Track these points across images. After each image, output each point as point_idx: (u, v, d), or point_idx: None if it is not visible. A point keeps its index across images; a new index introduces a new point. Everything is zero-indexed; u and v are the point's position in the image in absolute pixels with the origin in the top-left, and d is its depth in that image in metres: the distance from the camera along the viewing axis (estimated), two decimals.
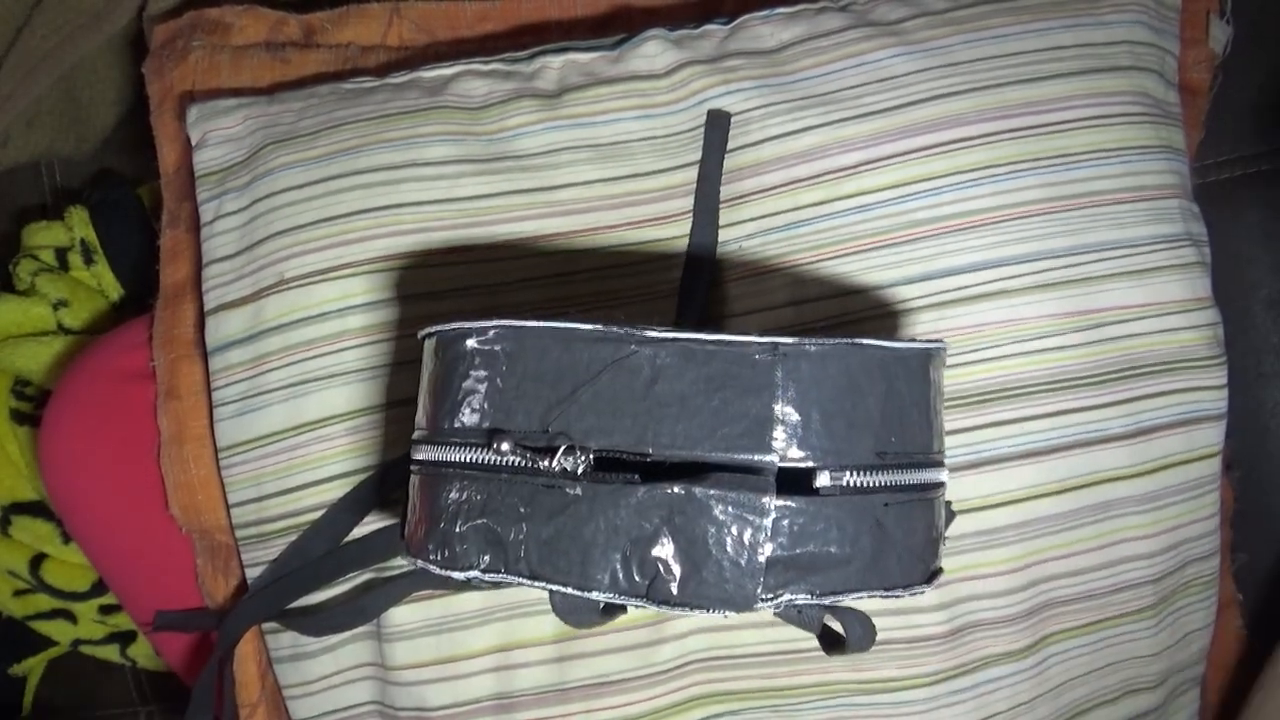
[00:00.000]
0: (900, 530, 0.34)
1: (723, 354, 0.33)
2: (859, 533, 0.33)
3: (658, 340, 0.34)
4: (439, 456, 0.37)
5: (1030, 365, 0.51)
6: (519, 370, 0.35)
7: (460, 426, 0.36)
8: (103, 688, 0.81)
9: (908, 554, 0.35)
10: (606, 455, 0.34)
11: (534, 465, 0.34)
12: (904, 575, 0.35)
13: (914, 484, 0.35)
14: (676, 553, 0.33)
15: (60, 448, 0.61)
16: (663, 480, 0.33)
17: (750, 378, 0.33)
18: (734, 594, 0.33)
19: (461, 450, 0.36)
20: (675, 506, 0.33)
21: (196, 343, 0.58)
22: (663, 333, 0.34)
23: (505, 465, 0.35)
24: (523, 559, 0.35)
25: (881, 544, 0.34)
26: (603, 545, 0.33)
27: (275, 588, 0.53)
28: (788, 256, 0.52)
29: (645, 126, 0.54)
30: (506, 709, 0.50)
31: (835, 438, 0.33)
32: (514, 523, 0.35)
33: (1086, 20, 0.54)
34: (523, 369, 0.35)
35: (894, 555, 0.34)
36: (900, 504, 0.34)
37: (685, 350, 0.34)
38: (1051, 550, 0.51)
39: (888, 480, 0.34)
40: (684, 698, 0.51)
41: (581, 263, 0.53)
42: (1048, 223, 0.51)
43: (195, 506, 0.57)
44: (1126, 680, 0.53)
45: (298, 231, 0.54)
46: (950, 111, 0.52)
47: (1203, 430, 0.53)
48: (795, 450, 0.33)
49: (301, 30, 0.64)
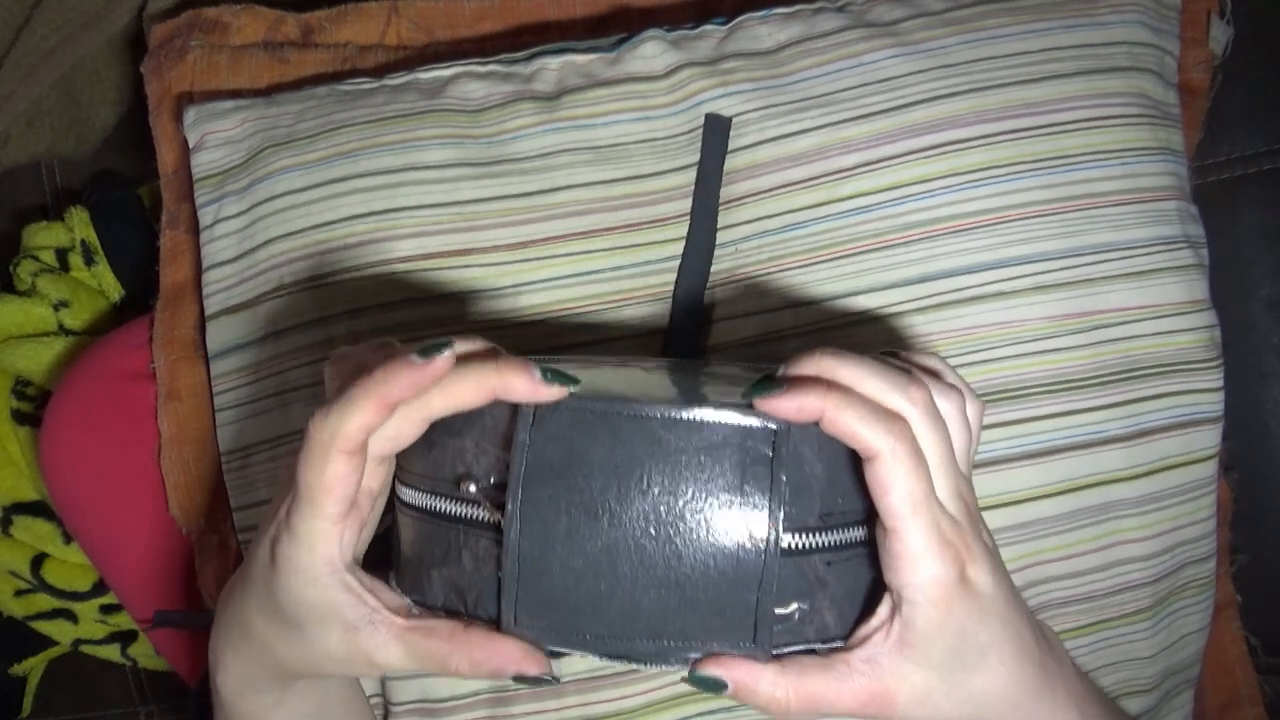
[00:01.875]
0: (840, 586, 0.35)
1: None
2: (798, 592, 0.34)
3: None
4: (415, 500, 0.37)
5: (1028, 367, 0.51)
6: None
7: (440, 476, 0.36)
8: (103, 688, 0.82)
9: (849, 607, 0.35)
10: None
11: (484, 519, 0.35)
12: (843, 627, 0.35)
13: (856, 541, 0.35)
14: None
15: (61, 448, 0.61)
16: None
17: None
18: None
19: (434, 499, 0.36)
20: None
21: (197, 344, 0.58)
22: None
23: (464, 516, 0.35)
24: (480, 604, 0.35)
25: (819, 600, 0.34)
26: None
27: None
28: (785, 259, 0.52)
29: (644, 129, 0.54)
30: (503, 702, 0.51)
31: (781, 504, 0.33)
32: (472, 570, 0.35)
33: (1085, 21, 0.54)
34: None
35: (834, 610, 0.35)
36: (841, 561, 0.35)
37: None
38: (1050, 552, 0.51)
39: (829, 540, 0.34)
40: (678, 692, 0.51)
41: (582, 266, 0.53)
42: (1046, 224, 0.51)
43: (195, 507, 0.57)
44: (1123, 681, 0.53)
45: (297, 236, 0.54)
46: (948, 113, 0.52)
47: (1200, 432, 0.53)
48: None
49: (300, 29, 0.64)
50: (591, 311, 0.53)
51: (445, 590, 0.36)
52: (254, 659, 0.40)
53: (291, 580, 0.35)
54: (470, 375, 0.33)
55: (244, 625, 0.39)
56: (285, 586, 0.36)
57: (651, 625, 0.33)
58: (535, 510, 0.33)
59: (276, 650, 0.38)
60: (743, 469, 0.33)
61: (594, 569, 0.33)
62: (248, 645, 0.39)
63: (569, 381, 0.33)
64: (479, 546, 0.35)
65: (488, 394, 0.33)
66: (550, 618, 0.34)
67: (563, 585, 0.33)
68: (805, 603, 0.34)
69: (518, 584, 0.34)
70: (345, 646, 0.36)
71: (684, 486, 0.33)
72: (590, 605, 0.33)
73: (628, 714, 0.51)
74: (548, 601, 0.34)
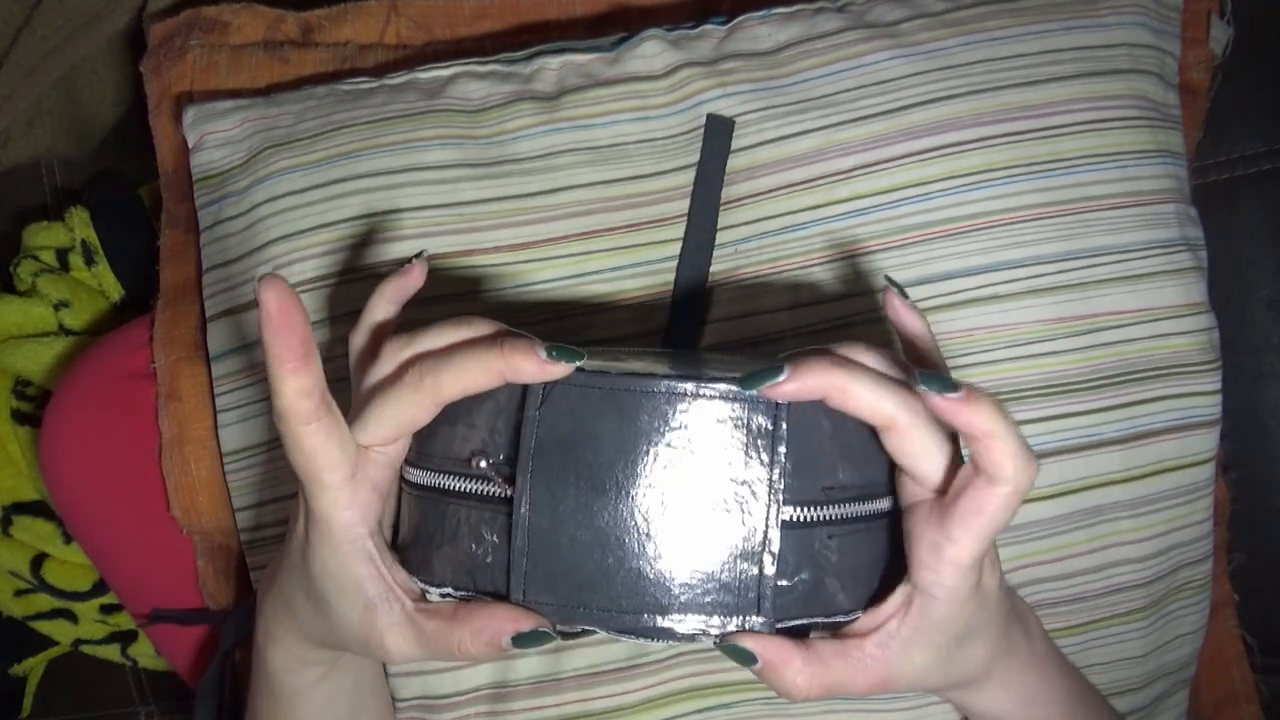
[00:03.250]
0: (844, 560, 0.35)
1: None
2: (800, 565, 0.34)
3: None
4: (423, 480, 0.38)
5: (1023, 370, 0.51)
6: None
7: (449, 455, 0.37)
8: (103, 688, 0.82)
9: (852, 581, 0.36)
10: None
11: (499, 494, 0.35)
12: (849, 601, 0.36)
13: (860, 515, 0.35)
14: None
15: (61, 448, 0.61)
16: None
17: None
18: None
19: (443, 477, 0.37)
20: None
21: (198, 344, 0.58)
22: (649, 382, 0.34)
23: (473, 493, 0.36)
24: (490, 581, 0.36)
25: (823, 574, 0.35)
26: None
27: None
28: (783, 260, 0.52)
29: (643, 129, 0.54)
30: (503, 698, 0.51)
31: (783, 476, 0.34)
32: (480, 547, 0.36)
33: (1086, 23, 0.54)
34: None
35: (838, 583, 0.35)
36: (845, 535, 0.35)
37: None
38: (1043, 554, 0.51)
39: (832, 514, 0.35)
40: (677, 688, 0.51)
41: (583, 267, 0.53)
42: (1042, 228, 0.51)
43: (196, 508, 0.57)
44: (1115, 682, 0.53)
45: (298, 237, 0.54)
46: (946, 115, 0.52)
47: (1197, 436, 0.53)
48: None
49: (299, 28, 0.64)
50: (592, 312, 0.53)
51: (454, 569, 0.36)
52: (300, 634, 0.41)
53: (319, 551, 0.37)
54: (478, 358, 0.34)
55: (287, 601, 0.41)
56: (313, 557, 0.38)
57: (657, 598, 0.34)
58: (545, 484, 0.34)
59: (314, 626, 0.40)
60: (745, 443, 0.34)
61: (601, 542, 0.34)
62: (294, 621, 0.41)
63: (575, 357, 0.33)
64: (488, 522, 0.35)
65: (496, 376, 0.34)
66: (558, 592, 0.34)
67: (570, 559, 0.34)
68: (808, 575, 0.35)
69: (526, 558, 0.34)
70: (364, 625, 0.37)
71: (687, 460, 0.34)
72: (598, 579, 0.34)
73: (628, 709, 0.51)
74: (556, 575, 0.34)
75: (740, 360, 0.40)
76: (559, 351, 0.33)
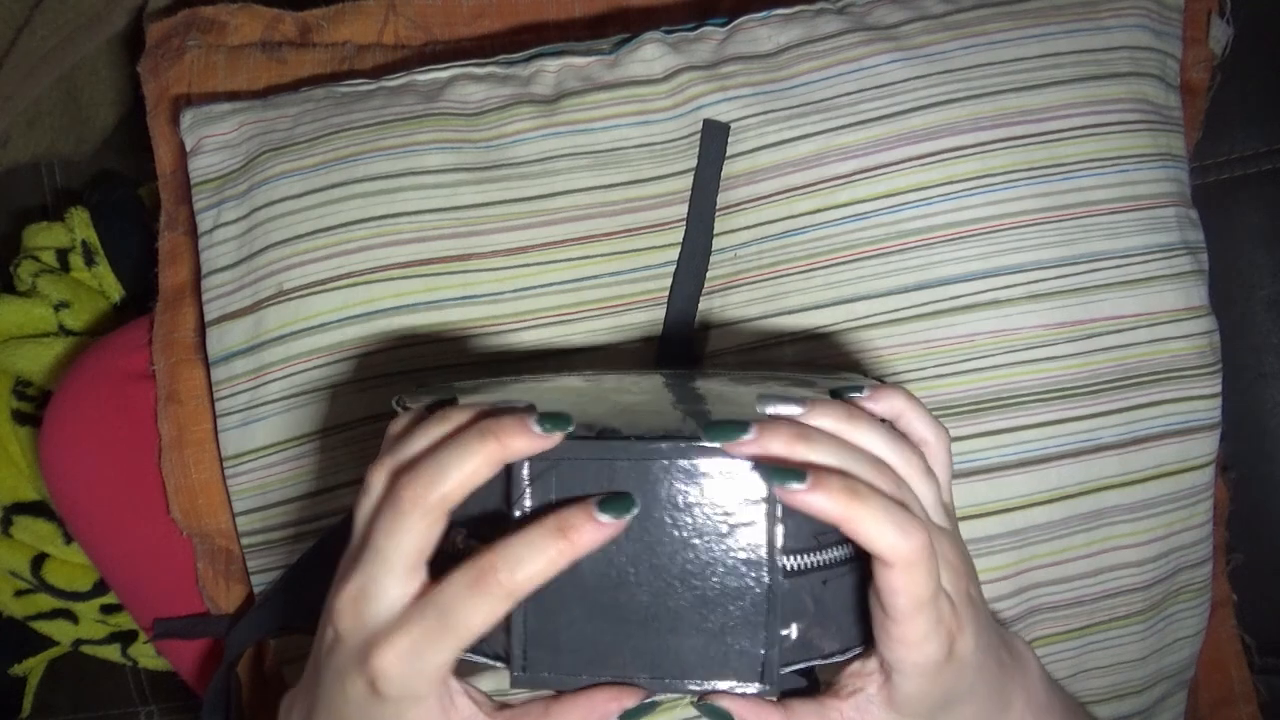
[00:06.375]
0: (836, 602, 0.35)
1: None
2: (798, 611, 0.35)
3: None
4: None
5: (1023, 375, 0.51)
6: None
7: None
8: (103, 688, 0.82)
9: (846, 620, 0.36)
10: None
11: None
12: (842, 641, 0.36)
13: (849, 557, 0.35)
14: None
15: (61, 448, 0.61)
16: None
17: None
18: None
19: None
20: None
21: (197, 346, 0.58)
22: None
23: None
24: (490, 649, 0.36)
25: (822, 616, 0.35)
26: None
27: (283, 598, 0.53)
28: (782, 265, 0.52)
29: (643, 133, 0.54)
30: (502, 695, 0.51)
31: (779, 528, 0.34)
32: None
33: (1087, 26, 0.54)
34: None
35: (835, 624, 0.35)
36: (838, 577, 0.35)
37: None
38: (1042, 558, 0.51)
39: (825, 558, 0.35)
40: None
41: (581, 271, 0.53)
42: (1041, 233, 0.51)
43: (196, 510, 0.57)
44: (1115, 685, 0.53)
45: (296, 242, 0.54)
46: (945, 120, 0.52)
47: (1196, 440, 0.53)
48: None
49: (297, 28, 0.64)
50: (590, 316, 0.53)
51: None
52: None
53: (401, 706, 0.34)
54: (474, 451, 0.33)
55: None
56: (393, 714, 0.34)
57: (656, 661, 0.34)
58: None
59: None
60: (737, 499, 0.34)
61: (599, 610, 0.34)
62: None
63: (565, 423, 0.33)
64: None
65: (496, 464, 0.33)
66: (559, 661, 0.35)
67: (570, 630, 0.34)
68: (804, 622, 0.35)
69: (525, 629, 0.34)
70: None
71: (680, 520, 0.34)
72: (603, 646, 0.34)
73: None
74: (556, 646, 0.34)
75: (727, 390, 0.40)
76: (550, 423, 0.33)
